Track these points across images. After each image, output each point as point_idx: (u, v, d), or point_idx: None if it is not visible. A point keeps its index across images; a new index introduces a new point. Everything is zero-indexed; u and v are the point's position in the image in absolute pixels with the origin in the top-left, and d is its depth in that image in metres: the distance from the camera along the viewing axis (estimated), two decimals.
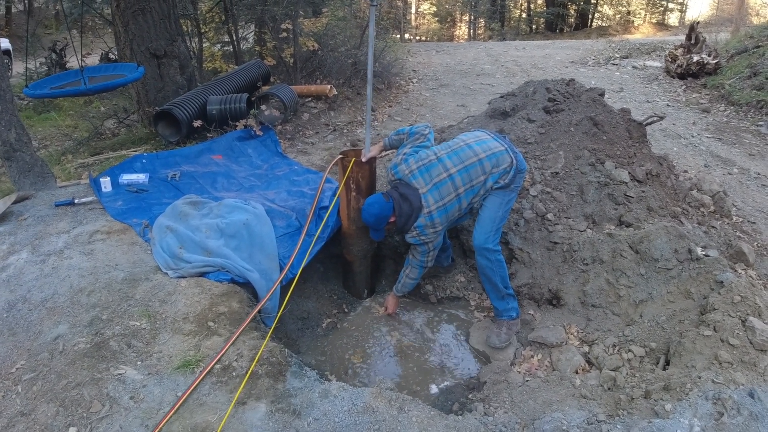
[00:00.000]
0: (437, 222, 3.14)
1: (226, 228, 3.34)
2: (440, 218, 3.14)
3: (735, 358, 2.50)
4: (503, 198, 3.23)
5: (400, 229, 3.23)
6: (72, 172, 5.14)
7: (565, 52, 12.93)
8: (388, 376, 3.23)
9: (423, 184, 3.11)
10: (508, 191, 3.23)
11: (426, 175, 3.13)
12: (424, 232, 3.16)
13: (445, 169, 3.12)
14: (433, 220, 3.13)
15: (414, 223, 3.14)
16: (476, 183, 3.15)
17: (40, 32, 16.04)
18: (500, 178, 3.15)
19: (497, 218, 3.24)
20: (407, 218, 3.13)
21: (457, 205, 3.17)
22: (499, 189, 3.19)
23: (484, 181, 3.15)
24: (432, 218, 3.12)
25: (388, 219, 3.17)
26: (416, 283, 3.56)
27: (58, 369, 2.51)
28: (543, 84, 4.72)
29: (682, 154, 5.87)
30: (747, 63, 8.51)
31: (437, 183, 3.11)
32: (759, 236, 4.19)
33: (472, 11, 27.96)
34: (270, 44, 7.57)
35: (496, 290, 3.34)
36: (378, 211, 3.15)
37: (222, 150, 5.25)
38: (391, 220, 3.19)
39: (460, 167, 3.13)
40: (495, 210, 3.23)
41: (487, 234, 3.23)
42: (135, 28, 6.11)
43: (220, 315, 2.87)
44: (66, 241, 3.57)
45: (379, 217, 3.16)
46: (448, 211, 3.15)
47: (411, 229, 3.17)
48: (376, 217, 3.17)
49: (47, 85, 5.48)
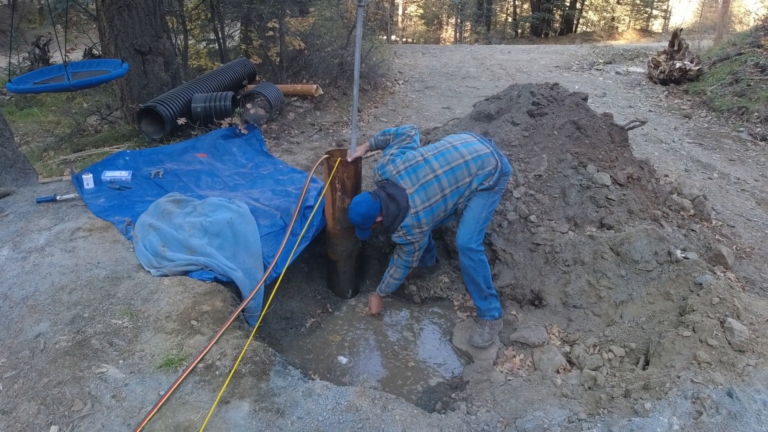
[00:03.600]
0: (423, 222, 3.17)
1: (210, 226, 3.32)
2: (426, 218, 3.17)
3: (714, 358, 2.54)
4: (487, 199, 3.28)
5: (386, 228, 3.25)
6: (54, 169, 5.07)
7: (549, 56, 13.06)
8: (371, 376, 3.25)
9: (410, 185, 3.14)
10: (493, 193, 3.28)
11: (413, 176, 3.16)
12: (411, 232, 3.20)
13: (432, 171, 3.15)
14: (420, 220, 3.16)
15: (401, 223, 3.17)
16: (462, 184, 3.19)
17: (24, 27, 15.77)
18: (485, 180, 3.20)
19: (481, 219, 3.29)
20: (394, 218, 3.16)
21: (443, 206, 3.21)
22: (484, 191, 3.24)
23: (469, 182, 3.20)
24: (419, 218, 3.15)
25: (374, 218, 3.19)
26: (400, 284, 3.58)
27: (39, 367, 2.48)
28: (527, 88, 4.76)
29: (663, 158, 5.97)
30: (729, 70, 8.67)
31: (424, 184, 3.14)
32: (738, 239, 4.28)
33: (459, 14, 28.11)
34: (256, 42, 7.53)
35: (479, 290, 3.37)
36: (365, 211, 3.17)
37: (206, 148, 5.22)
38: (377, 220, 3.21)
39: (447, 168, 3.16)
40: (479, 211, 3.28)
41: (471, 234, 3.28)
42: (120, 24, 6.04)
43: (204, 314, 2.85)
44: (47, 238, 3.52)
45: (366, 217, 3.18)
46: (434, 211, 3.19)
47: (398, 229, 3.20)
48: (363, 217, 3.18)
49: (30, 80, 5.40)
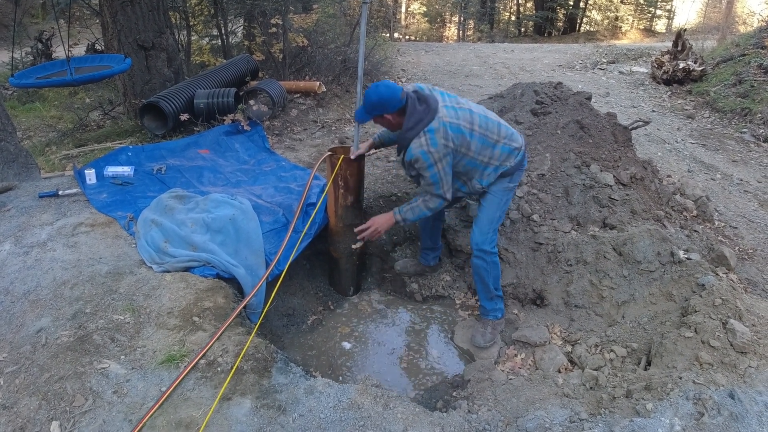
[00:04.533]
0: (450, 136, 2.84)
1: (212, 223, 3.32)
2: (453, 134, 2.85)
3: (716, 359, 2.54)
4: (501, 197, 3.16)
5: (407, 129, 2.86)
6: (56, 164, 5.07)
7: (553, 55, 13.03)
8: (373, 374, 3.24)
9: (442, 100, 2.91)
10: (506, 190, 3.16)
11: (447, 97, 2.96)
12: (434, 140, 2.80)
13: (467, 104, 3.01)
14: (447, 128, 2.82)
15: (426, 126, 2.81)
16: (489, 138, 2.99)
17: (27, 21, 15.77)
18: (509, 156, 3.05)
19: (495, 219, 3.20)
20: (419, 119, 2.82)
21: (468, 139, 2.92)
22: (501, 177, 3.08)
23: (494, 143, 3.00)
24: (445, 125, 2.82)
25: (388, 109, 2.85)
26: (424, 216, 3.17)
27: (40, 362, 2.48)
28: (531, 86, 4.76)
29: (666, 159, 5.96)
30: (732, 71, 8.65)
31: (456, 107, 2.93)
32: (740, 241, 4.27)
33: (462, 12, 28.05)
34: (259, 39, 7.53)
35: (487, 290, 3.34)
36: (387, 94, 2.81)
37: (209, 144, 5.22)
38: (387, 116, 2.90)
39: (481, 112, 3.02)
40: (493, 210, 3.18)
41: (485, 235, 3.20)
42: (123, 19, 6.03)
43: (206, 310, 2.85)
44: (49, 233, 3.52)
45: (383, 100, 2.82)
46: (462, 131, 2.89)
47: (420, 134, 2.82)
48: (379, 98, 2.82)
49: (33, 74, 5.39)
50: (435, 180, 2.93)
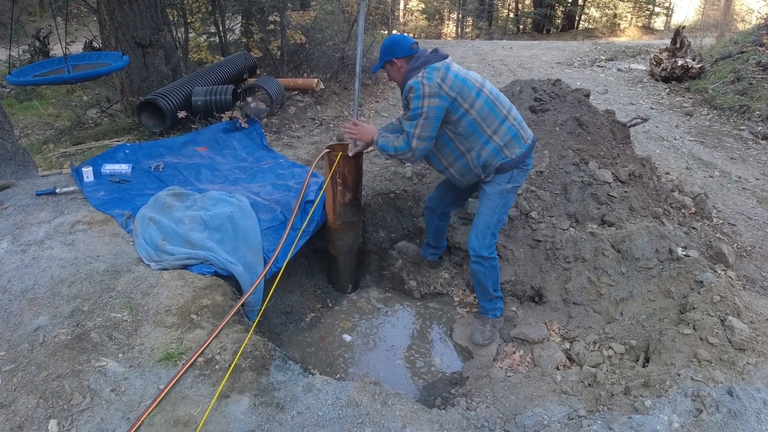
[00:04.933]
0: (449, 79, 2.79)
1: (210, 220, 3.31)
2: (455, 80, 2.80)
3: (714, 356, 2.54)
4: (499, 200, 3.06)
5: (411, 69, 2.86)
6: (53, 162, 5.05)
7: (551, 52, 13.02)
8: (371, 371, 3.24)
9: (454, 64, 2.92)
10: (504, 192, 3.04)
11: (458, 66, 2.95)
12: (430, 75, 2.76)
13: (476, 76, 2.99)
14: (449, 72, 2.80)
15: (426, 66, 2.81)
16: (497, 108, 2.92)
17: (24, 19, 15.71)
18: (513, 141, 2.95)
19: (491, 223, 3.11)
20: (426, 60, 2.83)
21: (473, 95, 2.84)
22: (499, 174, 2.99)
23: (503, 118, 2.92)
24: (448, 69, 2.81)
25: (396, 52, 2.90)
26: (387, 153, 3.00)
27: (38, 360, 2.47)
28: (529, 84, 4.75)
29: (664, 156, 5.96)
30: (731, 68, 8.65)
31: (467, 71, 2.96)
32: (739, 238, 4.27)
33: (460, 9, 28.02)
34: (257, 36, 7.50)
35: (486, 293, 3.31)
36: (398, 38, 2.94)
37: (206, 142, 5.20)
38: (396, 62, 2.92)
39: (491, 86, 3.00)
40: (490, 214, 3.09)
41: (482, 240, 3.12)
42: (120, 17, 6.01)
43: (204, 308, 2.84)
44: (47, 231, 3.51)
45: (394, 42, 2.91)
46: (467, 83, 2.84)
47: (420, 69, 2.82)
48: (392, 40, 2.92)
49: (30, 72, 5.38)
50: (414, 114, 2.80)
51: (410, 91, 2.80)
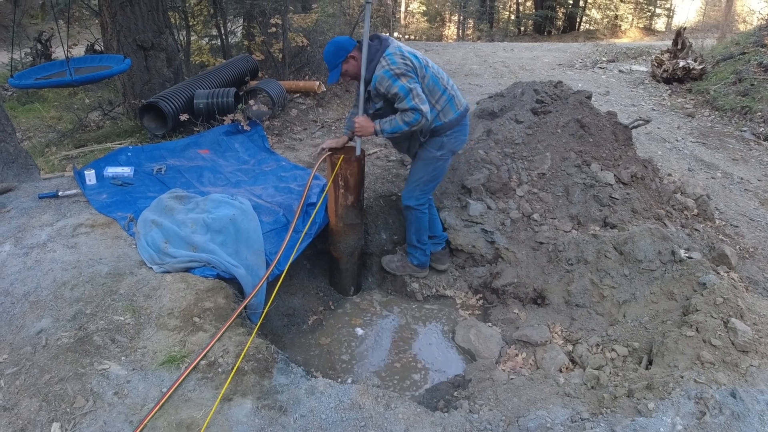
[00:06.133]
0: (407, 55, 3.12)
1: (213, 223, 3.31)
2: (410, 56, 3.13)
3: (717, 358, 2.54)
4: (427, 164, 3.46)
5: (368, 62, 3.14)
6: (56, 165, 5.06)
7: (552, 54, 13.02)
8: (374, 373, 3.24)
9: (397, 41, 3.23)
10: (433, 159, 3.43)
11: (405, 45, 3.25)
12: (393, 60, 3.07)
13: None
14: (403, 52, 3.12)
15: (382, 54, 3.11)
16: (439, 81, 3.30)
17: (26, 22, 15.75)
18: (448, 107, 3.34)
19: (421, 181, 3.52)
20: (375, 50, 3.13)
21: (424, 70, 3.19)
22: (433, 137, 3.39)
23: (443, 90, 3.31)
24: (401, 50, 3.13)
25: (347, 52, 3.15)
26: (402, 131, 3.20)
27: (41, 363, 2.48)
28: (531, 86, 4.75)
29: (666, 157, 5.95)
30: (732, 69, 8.64)
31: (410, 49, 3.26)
32: (741, 239, 4.27)
33: (462, 11, 28.04)
34: (259, 39, 7.52)
35: (410, 239, 3.80)
36: (341, 40, 3.18)
37: (208, 144, 5.21)
38: (350, 55, 3.16)
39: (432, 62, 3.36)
40: (420, 174, 3.51)
41: (410, 193, 3.58)
42: (122, 20, 6.02)
43: (206, 310, 2.84)
44: (49, 233, 3.52)
45: (339, 46, 3.15)
46: (417, 58, 3.18)
47: (380, 60, 3.10)
48: (336, 45, 3.15)
49: (32, 75, 5.39)
50: (404, 92, 3.06)
51: (383, 81, 3.09)
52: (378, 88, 3.13)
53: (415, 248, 3.82)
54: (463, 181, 4.02)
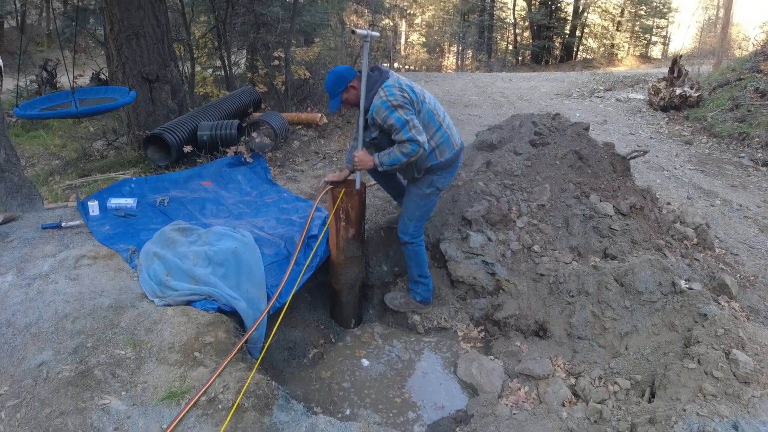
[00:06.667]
0: (405, 88, 3.20)
1: (214, 256, 3.33)
2: (407, 89, 3.22)
3: (719, 390, 2.53)
4: (420, 201, 3.53)
5: (367, 92, 3.22)
6: (59, 194, 5.11)
7: (550, 84, 13.20)
8: (375, 410, 3.21)
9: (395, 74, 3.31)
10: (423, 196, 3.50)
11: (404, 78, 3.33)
12: (390, 91, 3.15)
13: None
14: (401, 84, 3.20)
15: (381, 85, 3.18)
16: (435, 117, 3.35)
17: (32, 49, 16.03)
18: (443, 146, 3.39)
19: (415, 216, 3.58)
20: (375, 80, 3.21)
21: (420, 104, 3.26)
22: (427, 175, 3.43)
23: (438, 127, 3.36)
24: (399, 83, 3.21)
25: (347, 82, 3.24)
26: (401, 163, 3.27)
27: (41, 396, 2.47)
28: (529, 118, 4.82)
29: (665, 185, 5.99)
30: (729, 95, 8.74)
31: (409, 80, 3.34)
32: (741, 268, 4.28)
33: (460, 42, 28.53)
34: (262, 71, 7.65)
35: (410, 273, 3.80)
36: (339, 68, 3.27)
37: (211, 176, 5.26)
38: (351, 84, 3.25)
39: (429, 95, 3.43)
40: (413, 209, 3.57)
41: (405, 228, 3.63)
42: (128, 52, 6.14)
43: (207, 345, 2.84)
44: (52, 264, 3.53)
45: (340, 76, 3.23)
46: (414, 92, 3.26)
47: (378, 90, 3.18)
48: (337, 75, 3.24)
49: (38, 105, 5.47)
50: (401, 123, 3.14)
51: (380, 111, 3.16)
52: (375, 117, 3.21)
53: (417, 284, 3.82)
54: (464, 213, 4.04)
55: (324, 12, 9.05)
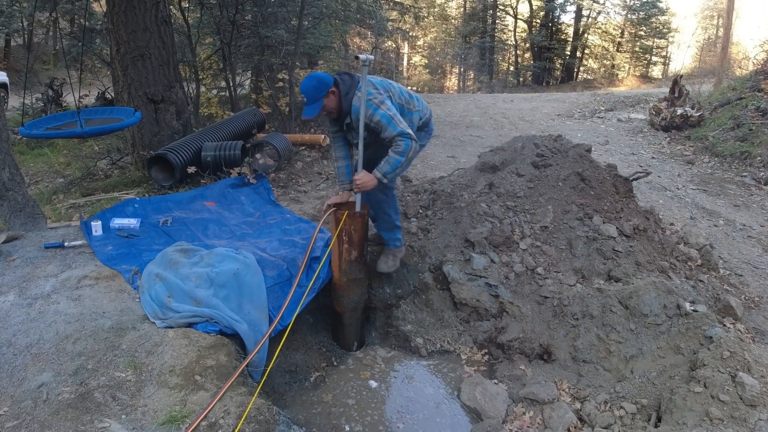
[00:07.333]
0: (379, 87, 3.33)
1: (216, 277, 3.32)
2: (381, 85, 3.36)
3: (725, 414, 2.51)
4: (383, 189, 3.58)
5: (344, 95, 3.30)
6: (63, 213, 5.12)
7: (551, 104, 13.28)
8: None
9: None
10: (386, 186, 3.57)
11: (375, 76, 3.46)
12: (369, 92, 3.23)
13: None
14: (375, 82, 3.33)
15: (356, 86, 3.29)
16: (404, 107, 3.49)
17: (38, 67, 16.23)
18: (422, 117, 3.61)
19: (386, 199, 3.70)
20: (350, 85, 3.30)
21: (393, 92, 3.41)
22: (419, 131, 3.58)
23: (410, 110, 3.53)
24: (373, 82, 3.31)
25: (328, 87, 3.26)
26: (401, 164, 3.30)
27: (41, 418, 2.44)
28: (531, 139, 4.84)
29: (668, 206, 5.98)
30: (730, 115, 8.76)
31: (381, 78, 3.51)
32: (746, 288, 4.25)
33: (462, 64, 28.82)
34: (266, 92, 7.74)
35: (389, 222, 3.82)
36: (321, 75, 3.30)
37: (215, 197, 5.27)
38: (331, 90, 3.28)
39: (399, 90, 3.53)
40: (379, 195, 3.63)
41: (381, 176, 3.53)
42: (134, 73, 6.21)
43: (208, 368, 2.81)
44: (54, 285, 3.52)
45: (321, 80, 3.25)
46: (388, 85, 3.42)
47: (354, 93, 3.28)
48: (318, 80, 3.25)
49: (43, 125, 5.51)
50: (387, 119, 3.21)
51: (367, 111, 3.24)
52: (361, 118, 3.27)
53: (396, 228, 3.90)
54: (467, 235, 4.04)
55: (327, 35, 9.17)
